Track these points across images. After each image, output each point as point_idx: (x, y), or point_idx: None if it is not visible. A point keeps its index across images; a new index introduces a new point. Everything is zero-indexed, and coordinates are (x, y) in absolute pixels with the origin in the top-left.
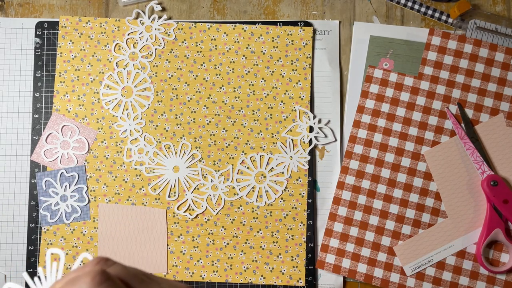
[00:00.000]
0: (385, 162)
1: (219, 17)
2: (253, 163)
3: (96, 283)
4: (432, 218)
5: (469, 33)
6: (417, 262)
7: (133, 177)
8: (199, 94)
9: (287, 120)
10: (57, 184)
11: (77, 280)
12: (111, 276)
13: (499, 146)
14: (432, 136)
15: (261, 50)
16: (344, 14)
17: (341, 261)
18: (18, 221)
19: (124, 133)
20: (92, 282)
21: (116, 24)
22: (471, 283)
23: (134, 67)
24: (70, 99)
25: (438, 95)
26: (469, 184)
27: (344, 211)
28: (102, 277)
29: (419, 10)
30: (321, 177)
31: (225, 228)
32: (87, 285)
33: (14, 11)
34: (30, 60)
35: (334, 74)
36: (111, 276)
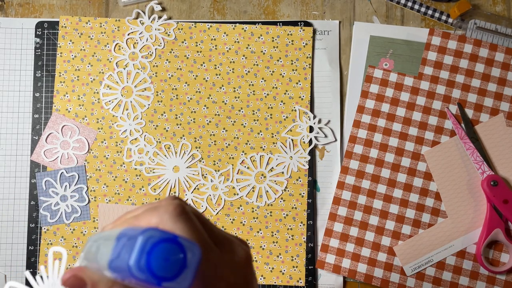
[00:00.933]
0: (385, 162)
1: (219, 17)
2: (253, 163)
3: (178, 213)
4: (432, 218)
5: (469, 33)
6: (417, 262)
7: (133, 177)
8: (199, 94)
9: (287, 120)
10: (57, 184)
11: (159, 209)
12: (188, 209)
13: (499, 146)
14: (432, 136)
15: (261, 50)
16: (344, 14)
17: (341, 261)
18: (18, 221)
19: (124, 133)
20: (174, 211)
21: (116, 24)
22: (471, 283)
23: (134, 67)
24: (70, 99)
25: (438, 95)
26: (469, 184)
27: (344, 211)
28: (182, 209)
29: (419, 10)
30: (321, 177)
31: (225, 228)
32: (169, 213)
33: (14, 11)
34: (30, 60)
35: (334, 74)
36: (188, 209)
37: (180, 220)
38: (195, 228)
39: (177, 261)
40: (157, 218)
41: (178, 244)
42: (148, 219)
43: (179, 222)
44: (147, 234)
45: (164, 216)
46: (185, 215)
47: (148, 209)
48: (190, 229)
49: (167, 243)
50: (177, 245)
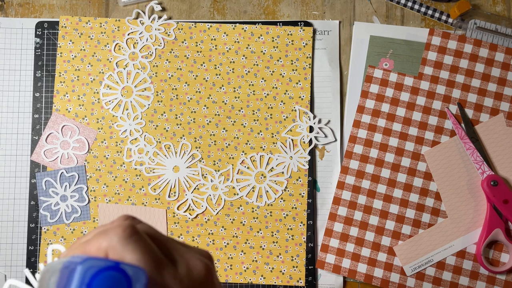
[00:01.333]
0: (385, 162)
1: (219, 17)
2: (253, 163)
3: (127, 235)
4: (432, 218)
5: (469, 33)
6: (417, 262)
7: (133, 177)
8: (199, 94)
9: (287, 120)
10: (57, 184)
11: (108, 232)
12: (139, 230)
13: (499, 146)
14: (432, 136)
15: (261, 50)
16: (344, 14)
17: (341, 261)
18: (18, 221)
19: (124, 133)
20: (123, 233)
21: (116, 24)
22: (471, 283)
23: (134, 67)
24: (70, 99)
25: (438, 95)
26: (469, 184)
27: (344, 211)
28: (132, 230)
29: (419, 10)
30: (321, 177)
31: (225, 228)
32: (118, 236)
33: (14, 11)
34: (30, 60)
35: (334, 74)
36: (140, 230)
37: (130, 241)
38: (147, 250)
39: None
40: (106, 242)
41: (121, 271)
42: (98, 244)
43: (129, 244)
44: (86, 264)
45: (114, 239)
46: (135, 236)
47: (98, 233)
48: (141, 250)
49: (108, 271)
50: (120, 272)
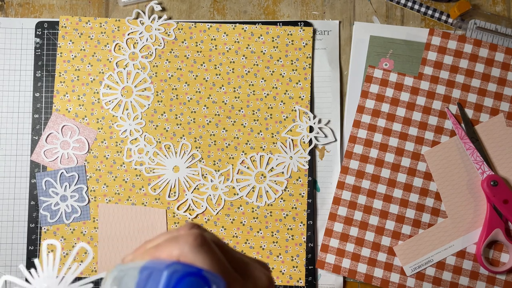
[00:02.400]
0: (385, 162)
1: (219, 17)
2: (253, 163)
3: (198, 244)
4: (432, 218)
5: (469, 33)
6: (417, 262)
7: (133, 177)
8: (199, 94)
9: (287, 120)
10: (57, 184)
11: (179, 239)
12: (208, 238)
13: (499, 146)
14: (432, 136)
15: (261, 50)
16: (344, 14)
17: (341, 261)
18: (18, 221)
19: (124, 133)
20: (194, 242)
21: (116, 24)
22: (471, 283)
23: (134, 67)
24: (70, 99)
25: (438, 95)
26: (469, 184)
27: (344, 211)
28: (202, 239)
29: (419, 10)
30: (321, 177)
31: (225, 228)
32: (189, 245)
33: (14, 11)
34: (30, 60)
35: (334, 74)
36: (208, 238)
37: (201, 251)
38: (217, 259)
39: None
40: (178, 250)
41: (203, 278)
42: (169, 251)
43: (200, 254)
44: (172, 269)
45: (185, 248)
46: (206, 246)
47: (168, 239)
48: (212, 260)
49: (192, 277)
50: (202, 279)
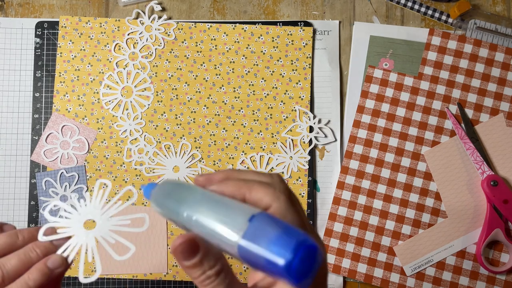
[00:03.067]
0: (385, 162)
1: (219, 17)
2: (253, 163)
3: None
4: (432, 218)
5: (469, 33)
6: (417, 262)
7: (133, 177)
8: (199, 94)
9: (287, 120)
10: (57, 184)
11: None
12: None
13: (499, 146)
14: (432, 136)
15: (261, 50)
16: (344, 14)
17: (341, 261)
18: (18, 221)
19: (124, 133)
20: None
21: (116, 24)
22: (471, 283)
23: (134, 67)
24: (70, 99)
25: (438, 95)
26: (469, 184)
27: (344, 211)
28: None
29: (419, 10)
30: (321, 177)
31: None
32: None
33: (14, 11)
34: (30, 60)
35: (334, 74)
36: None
37: (292, 208)
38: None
39: (313, 264)
40: (270, 199)
41: (316, 249)
42: (261, 196)
43: (290, 212)
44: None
45: (280, 200)
46: (295, 206)
47: (261, 182)
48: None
49: (310, 249)
50: (315, 250)
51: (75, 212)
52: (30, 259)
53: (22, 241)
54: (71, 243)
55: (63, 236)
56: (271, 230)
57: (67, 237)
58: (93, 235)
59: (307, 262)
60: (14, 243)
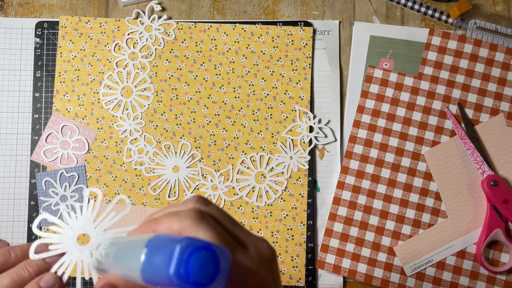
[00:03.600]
0: (385, 162)
1: (219, 17)
2: (253, 163)
3: (198, 218)
4: (432, 218)
5: (469, 33)
6: (417, 262)
7: (133, 177)
8: (199, 94)
9: (287, 120)
10: (57, 184)
11: (180, 214)
12: (207, 215)
13: (499, 146)
14: (432, 136)
15: (261, 50)
16: (344, 14)
17: (341, 261)
18: (18, 221)
19: (124, 133)
20: (195, 216)
21: (116, 24)
22: (471, 283)
23: (134, 67)
24: (70, 99)
25: (438, 95)
26: (469, 184)
27: (344, 211)
28: (202, 214)
29: (419, 10)
30: (321, 177)
31: None
32: (190, 219)
33: (14, 11)
34: (30, 60)
35: (334, 74)
36: (208, 215)
37: (201, 225)
38: (218, 233)
39: (212, 268)
40: (178, 224)
41: (212, 251)
42: (169, 225)
43: (201, 228)
44: (184, 243)
45: (186, 222)
46: (206, 220)
47: (168, 213)
48: (212, 234)
49: (202, 250)
50: (211, 252)
51: (66, 226)
52: (23, 278)
53: (15, 259)
54: (65, 260)
55: (55, 253)
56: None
57: (61, 254)
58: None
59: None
60: (7, 261)
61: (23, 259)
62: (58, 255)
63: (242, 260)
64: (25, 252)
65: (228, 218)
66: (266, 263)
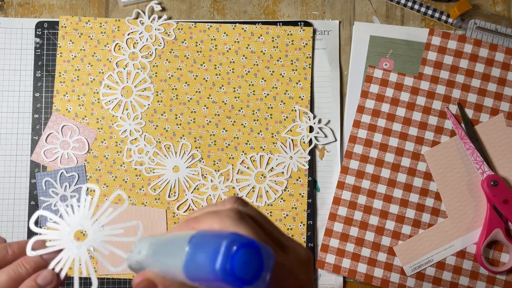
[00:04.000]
0: (385, 162)
1: (219, 17)
2: (253, 163)
3: (238, 218)
4: (432, 218)
5: (469, 33)
6: (417, 262)
7: (133, 177)
8: (199, 94)
9: (287, 120)
10: (57, 184)
11: (220, 213)
12: (246, 215)
13: (499, 146)
14: (432, 136)
15: (261, 50)
16: (344, 14)
17: (341, 261)
18: (18, 221)
19: (124, 133)
20: (235, 216)
21: (116, 24)
22: (471, 283)
23: (134, 67)
24: (70, 99)
25: (438, 95)
26: (469, 184)
27: (344, 211)
28: (243, 214)
29: (419, 10)
30: (321, 177)
31: None
32: (231, 218)
33: (14, 11)
34: (30, 60)
35: (334, 74)
36: (247, 215)
37: (241, 225)
38: (257, 233)
39: (257, 265)
40: (218, 223)
41: (257, 248)
42: (209, 224)
43: (240, 227)
44: (230, 239)
45: (226, 222)
46: (246, 220)
47: (208, 213)
48: (252, 233)
49: (247, 247)
50: (256, 249)
51: (63, 222)
52: (20, 275)
53: (12, 255)
54: (62, 257)
55: (53, 250)
56: (206, 242)
57: (58, 251)
58: (85, 247)
59: (249, 262)
60: (4, 258)
61: (20, 256)
62: (56, 252)
63: (283, 261)
64: (22, 248)
65: (266, 220)
66: (304, 265)
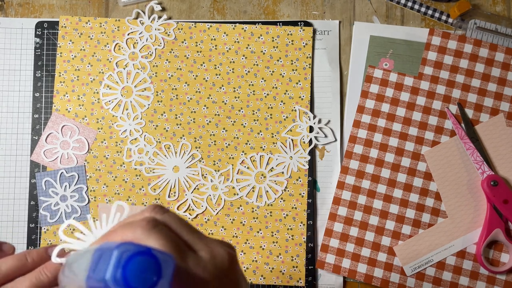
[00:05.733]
0: (385, 162)
1: (219, 17)
2: (253, 163)
3: (150, 227)
4: (432, 218)
5: (469, 33)
6: (417, 262)
7: (133, 177)
8: (199, 94)
9: (287, 120)
10: (57, 184)
11: (133, 224)
12: (160, 223)
13: (499, 146)
14: (432, 136)
15: (261, 50)
16: (344, 14)
17: (341, 261)
18: (18, 221)
19: (124, 133)
20: (147, 225)
21: (116, 24)
22: (471, 283)
23: (134, 67)
24: (70, 99)
25: (438, 95)
26: (469, 184)
27: (344, 211)
28: (154, 222)
29: (419, 10)
30: (321, 177)
31: (225, 228)
32: (142, 228)
33: (14, 11)
34: (30, 60)
35: (334, 74)
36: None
37: (152, 233)
38: (169, 238)
39: (152, 273)
40: (130, 233)
41: (152, 256)
42: (122, 235)
43: (152, 236)
44: (122, 248)
45: (137, 231)
46: (157, 228)
47: (122, 224)
48: (163, 240)
49: (141, 255)
50: (151, 257)
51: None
52: (42, 282)
53: (32, 263)
54: None
55: None
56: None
57: None
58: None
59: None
60: (24, 266)
61: (40, 263)
62: None
63: (192, 266)
64: (41, 256)
65: (183, 225)
66: (223, 270)
